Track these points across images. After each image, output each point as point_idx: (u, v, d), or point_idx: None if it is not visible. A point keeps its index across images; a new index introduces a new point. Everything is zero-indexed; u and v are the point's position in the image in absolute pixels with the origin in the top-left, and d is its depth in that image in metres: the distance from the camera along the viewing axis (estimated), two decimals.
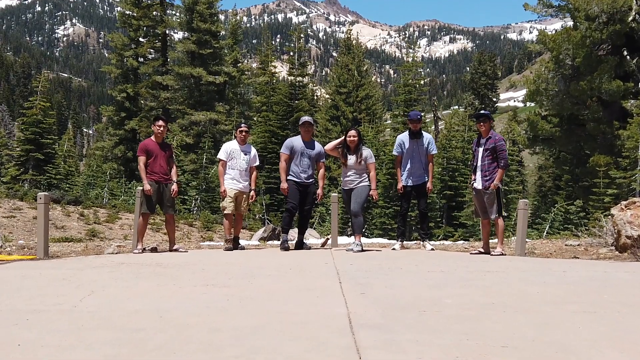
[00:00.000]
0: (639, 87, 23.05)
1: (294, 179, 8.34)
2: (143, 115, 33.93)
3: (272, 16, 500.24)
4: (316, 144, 8.67)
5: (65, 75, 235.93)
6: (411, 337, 2.72)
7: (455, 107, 55.53)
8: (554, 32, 26.96)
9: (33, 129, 21.89)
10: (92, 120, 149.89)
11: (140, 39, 35.41)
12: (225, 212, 8.47)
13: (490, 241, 8.09)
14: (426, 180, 8.59)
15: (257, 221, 21.61)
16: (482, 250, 7.92)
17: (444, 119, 44.23)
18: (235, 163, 8.54)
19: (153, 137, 8.21)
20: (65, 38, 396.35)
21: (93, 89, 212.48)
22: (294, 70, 34.62)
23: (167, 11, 36.64)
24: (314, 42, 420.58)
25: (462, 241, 12.17)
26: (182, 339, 2.71)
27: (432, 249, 8.57)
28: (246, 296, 3.86)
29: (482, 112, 8.20)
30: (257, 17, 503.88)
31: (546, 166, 38.04)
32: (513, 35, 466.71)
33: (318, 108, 43.03)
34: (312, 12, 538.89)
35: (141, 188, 7.99)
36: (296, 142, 8.46)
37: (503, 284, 4.60)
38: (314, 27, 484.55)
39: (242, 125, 8.84)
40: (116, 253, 7.69)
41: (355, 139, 8.25)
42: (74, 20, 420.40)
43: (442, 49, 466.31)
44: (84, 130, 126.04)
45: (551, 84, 24.95)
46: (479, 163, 7.83)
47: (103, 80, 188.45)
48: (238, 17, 41.35)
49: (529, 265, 6.12)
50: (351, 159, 8.24)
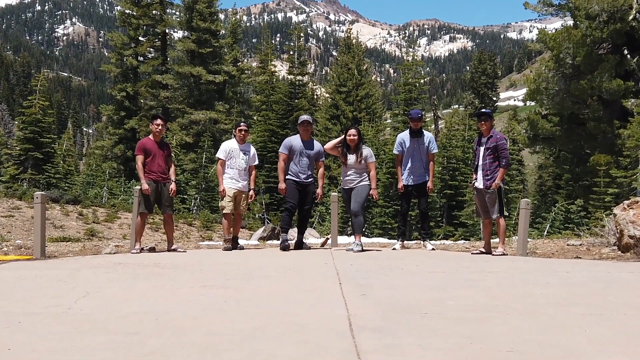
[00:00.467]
0: (639, 86, 22.96)
1: (293, 178, 8.26)
2: (143, 114, 33.85)
3: (272, 15, 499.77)
4: (315, 143, 8.57)
5: (65, 74, 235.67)
6: (413, 340, 2.65)
7: (456, 106, 55.45)
8: (554, 31, 26.87)
9: (32, 128, 21.80)
10: (92, 119, 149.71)
11: (140, 38, 35.34)
12: (224, 211, 8.37)
13: (491, 241, 8.02)
14: (427, 179, 8.51)
15: (256, 220, 21.54)
16: (483, 250, 7.84)
17: (444, 118, 44.17)
18: (234, 162, 8.44)
19: (151, 136, 8.12)
20: (65, 37, 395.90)
21: (93, 88, 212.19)
22: (294, 69, 34.54)
23: (167, 10, 36.59)
24: (314, 41, 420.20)
25: (463, 241, 12.10)
26: (178, 343, 2.64)
27: (432, 249, 8.50)
28: (244, 297, 3.79)
29: (483, 110, 8.12)
30: (257, 16, 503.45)
31: (546, 165, 37.95)
32: (513, 35, 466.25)
33: (318, 107, 42.94)
34: (312, 11, 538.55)
35: (139, 187, 7.91)
36: (295, 141, 8.37)
37: (506, 285, 4.53)
38: (314, 26, 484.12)
39: (242, 124, 8.71)
40: (114, 253, 7.61)
41: (356, 137, 8.17)
42: (73, 20, 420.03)
43: (442, 48, 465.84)
44: (84, 129, 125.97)
45: (551, 82, 24.84)
46: (480, 162, 7.75)
47: (103, 80, 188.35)
48: (238, 16, 41.24)
49: (531, 265, 6.04)
50: (351, 158, 8.16)
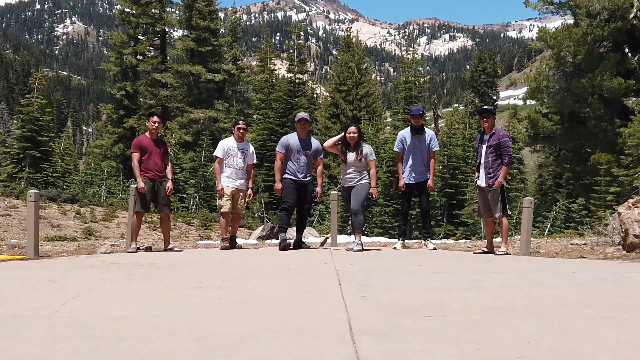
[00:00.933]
0: None
1: (291, 177, 8.10)
2: (142, 113, 33.69)
3: (272, 14, 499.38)
4: (313, 140, 8.40)
5: (65, 73, 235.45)
6: (417, 346, 2.50)
7: (456, 105, 55.29)
8: (555, 29, 26.74)
9: (30, 126, 21.62)
10: (91, 118, 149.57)
11: (140, 37, 35.19)
12: (222, 210, 8.22)
13: (493, 240, 7.88)
14: (428, 177, 8.37)
15: (256, 219, 21.40)
16: (485, 249, 7.69)
17: (444, 117, 44.04)
18: (232, 161, 8.27)
19: (147, 134, 7.96)
20: (64, 36, 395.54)
21: (92, 87, 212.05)
22: (293, 68, 34.36)
23: (167, 9, 36.46)
24: (314, 40, 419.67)
25: (464, 240, 11.97)
26: (168, 349, 2.49)
27: (434, 248, 8.36)
28: (240, 299, 3.64)
29: (485, 107, 7.96)
30: (256, 15, 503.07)
31: (546, 164, 37.84)
32: (513, 34, 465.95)
33: (318, 106, 42.80)
34: (312, 10, 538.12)
35: (135, 186, 7.76)
36: (292, 139, 8.19)
37: (511, 285, 4.38)
38: (314, 25, 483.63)
39: (240, 122, 8.52)
40: (109, 253, 7.46)
41: (356, 135, 8.02)
42: (73, 19, 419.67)
43: (442, 47, 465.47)
44: (84, 128, 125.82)
45: (552, 81, 24.73)
46: (482, 160, 7.60)
47: (103, 79, 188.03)
48: (237, 15, 41.07)
49: (536, 265, 5.90)
50: (351, 156, 8.01)
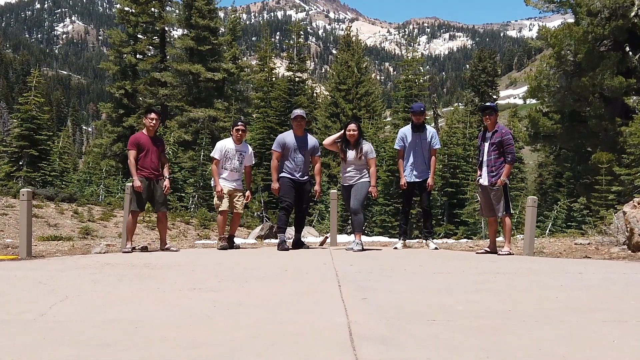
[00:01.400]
0: None
1: (288, 176, 7.93)
2: (141, 112, 33.57)
3: (272, 13, 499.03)
4: (309, 137, 8.20)
5: (65, 72, 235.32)
6: (422, 354, 2.34)
7: (456, 104, 55.19)
8: (555, 28, 26.60)
9: (27, 124, 21.46)
10: (91, 117, 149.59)
11: (139, 36, 35.09)
12: (220, 209, 8.05)
13: (496, 240, 7.72)
14: (429, 176, 8.22)
15: (255, 219, 21.25)
16: (488, 249, 7.54)
17: (444, 116, 43.93)
18: (230, 163, 8.09)
19: (145, 131, 7.78)
20: (64, 35, 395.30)
21: (92, 87, 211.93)
22: (293, 66, 34.18)
23: (166, 7, 36.33)
24: (314, 40, 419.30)
25: (466, 240, 11.83)
26: (154, 357, 2.34)
27: (435, 248, 8.21)
28: (236, 302, 3.49)
29: (488, 104, 7.79)
30: (256, 14, 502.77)
31: (546, 163, 37.71)
32: (513, 33, 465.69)
33: (317, 105, 42.66)
34: (312, 10, 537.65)
35: (131, 184, 7.61)
36: (288, 137, 8.00)
37: (517, 287, 4.23)
38: (314, 24, 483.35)
39: (239, 123, 8.30)
40: (104, 253, 7.30)
41: (355, 133, 7.87)
42: (73, 18, 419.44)
43: (441, 46, 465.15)
44: (83, 127, 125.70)
45: (553, 80, 24.63)
46: (484, 158, 7.45)
47: (102, 78, 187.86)
48: (237, 14, 40.86)
49: (541, 266, 5.75)
50: (351, 154, 7.86)
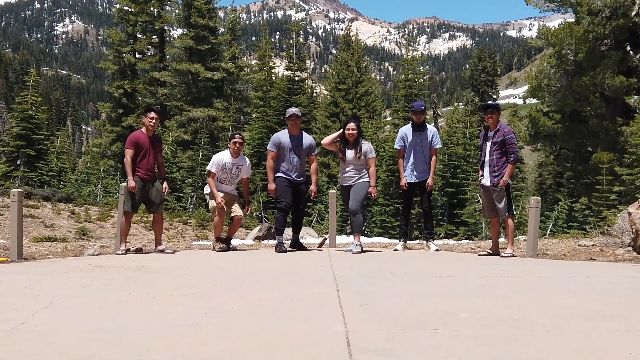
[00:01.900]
0: None
1: (284, 177, 7.77)
2: (140, 111, 33.42)
3: (272, 13, 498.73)
4: (305, 136, 8.02)
5: (64, 72, 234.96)
6: None
7: (456, 104, 55.00)
8: (556, 27, 26.46)
9: (24, 124, 21.28)
10: (91, 117, 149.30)
11: (138, 35, 34.93)
12: (216, 212, 7.88)
13: (499, 241, 7.56)
14: (429, 176, 8.07)
15: (254, 219, 21.09)
16: (490, 251, 7.36)
17: (444, 116, 43.77)
18: (226, 177, 8.00)
19: (144, 129, 7.58)
20: (64, 35, 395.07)
21: (92, 86, 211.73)
22: (292, 65, 34.02)
23: (167, 7, 36.21)
24: (313, 39, 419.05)
25: (467, 240, 11.66)
26: None
27: (436, 250, 8.04)
28: (228, 309, 3.32)
29: (489, 102, 7.62)
30: (256, 14, 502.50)
31: (546, 163, 37.54)
32: (512, 33, 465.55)
33: (317, 105, 42.51)
34: (312, 9, 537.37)
35: (125, 184, 7.44)
36: (283, 137, 7.81)
37: (522, 292, 4.06)
38: (314, 24, 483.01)
39: (237, 136, 8.13)
40: (97, 254, 7.12)
41: (355, 132, 7.67)
42: (73, 17, 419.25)
43: (441, 46, 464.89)
44: (83, 127, 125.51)
45: (553, 79, 24.49)
46: (486, 158, 7.27)
47: (102, 78, 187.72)
48: (237, 13, 40.68)
49: (545, 268, 5.58)
50: (350, 153, 7.67)
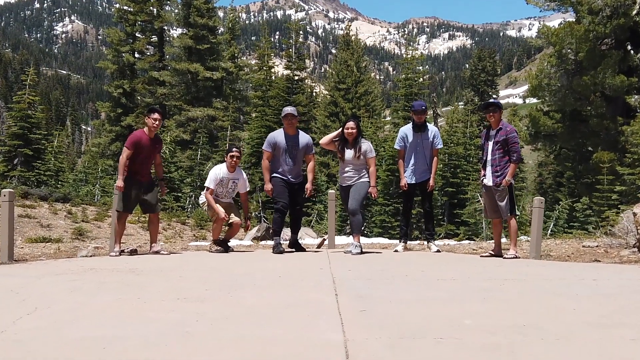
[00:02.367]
0: None
1: (281, 177, 7.61)
2: (140, 111, 33.32)
3: (271, 13, 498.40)
4: (302, 135, 7.82)
5: (64, 72, 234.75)
6: None
7: (456, 104, 54.90)
8: (556, 26, 26.35)
9: (21, 123, 21.11)
10: (90, 117, 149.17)
11: (137, 35, 34.82)
12: (214, 217, 7.74)
13: (501, 242, 7.41)
14: (430, 176, 7.92)
15: (252, 219, 20.92)
16: (493, 252, 7.21)
17: (444, 116, 43.69)
18: (222, 191, 7.88)
19: (146, 130, 7.38)
20: (64, 35, 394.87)
21: (92, 86, 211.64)
22: (292, 64, 33.86)
23: (166, 7, 36.08)
24: (313, 39, 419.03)
25: (468, 241, 11.51)
26: None
27: (437, 251, 7.89)
28: (221, 315, 3.16)
29: (491, 101, 7.45)
30: (256, 14, 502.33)
31: (546, 163, 37.41)
32: (512, 33, 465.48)
33: (317, 104, 42.40)
34: (312, 9, 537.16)
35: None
36: (279, 137, 7.63)
37: (528, 296, 3.90)
38: (313, 24, 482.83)
39: (234, 149, 7.95)
40: (90, 256, 6.95)
41: (354, 131, 7.51)
42: (72, 17, 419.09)
43: (441, 45, 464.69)
44: (83, 127, 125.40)
45: (554, 79, 24.40)
46: (489, 157, 7.10)
47: (102, 77, 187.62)
48: (236, 12, 40.54)
49: (550, 271, 5.43)
50: (349, 153, 7.51)
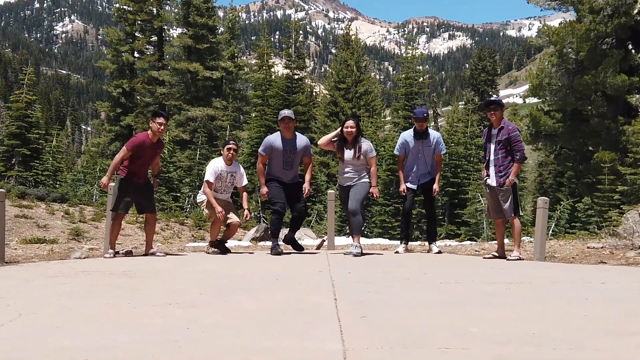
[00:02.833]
0: None
1: (277, 179, 7.45)
2: (139, 111, 33.23)
3: (271, 13, 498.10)
4: (299, 139, 7.56)
5: (64, 72, 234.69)
6: None
7: (457, 103, 54.82)
8: (557, 25, 26.23)
9: (19, 123, 20.95)
10: (90, 116, 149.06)
11: (137, 34, 34.71)
12: (211, 218, 7.58)
13: (504, 243, 7.25)
14: (432, 177, 7.75)
15: (252, 219, 20.77)
16: (496, 254, 7.05)
17: (444, 116, 43.60)
18: (221, 185, 7.70)
19: (150, 133, 7.21)
20: (63, 35, 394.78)
21: (92, 86, 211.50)
22: (291, 64, 33.70)
23: (166, 7, 35.97)
24: (313, 39, 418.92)
25: (470, 242, 11.35)
26: None
27: (439, 252, 7.73)
28: (214, 322, 3.00)
29: (492, 99, 7.29)
30: (255, 13, 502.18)
31: (546, 163, 37.26)
32: (512, 32, 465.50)
33: (317, 104, 42.28)
34: (311, 9, 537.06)
35: (115, 184, 7.12)
36: (276, 142, 7.39)
37: (535, 301, 3.73)
38: (313, 24, 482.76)
39: (231, 142, 7.83)
40: (84, 258, 6.79)
41: (354, 130, 7.28)
42: (72, 17, 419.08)
43: (441, 45, 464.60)
44: (83, 127, 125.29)
45: (554, 78, 24.30)
46: (491, 157, 6.92)
47: (102, 77, 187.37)
48: (236, 12, 40.39)
49: (556, 273, 5.27)
50: (348, 153, 7.28)
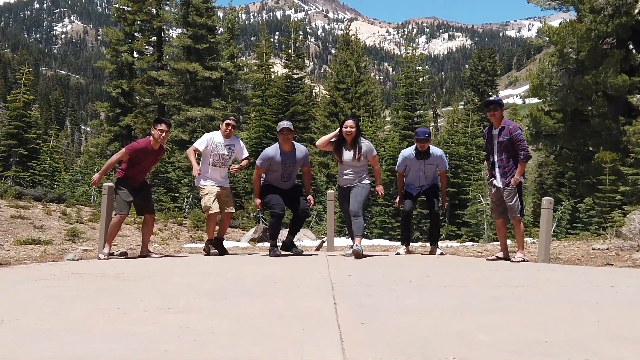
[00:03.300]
0: None
1: (275, 186, 7.33)
2: (138, 111, 33.11)
3: (271, 13, 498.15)
4: (297, 149, 7.42)
5: (64, 72, 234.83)
6: None
7: (456, 103, 54.74)
8: (557, 26, 26.13)
9: (16, 122, 20.85)
10: (90, 117, 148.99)
11: (136, 34, 34.60)
12: (209, 212, 7.39)
13: (507, 245, 7.10)
14: (436, 182, 7.73)
15: (251, 220, 20.62)
16: (499, 255, 6.90)
17: (443, 116, 43.51)
18: (218, 159, 7.46)
19: (152, 140, 7.08)
20: (63, 35, 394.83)
21: (91, 86, 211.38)
22: (290, 63, 33.57)
23: (165, 7, 35.84)
24: (313, 40, 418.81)
25: (471, 243, 11.21)
26: None
27: (441, 254, 7.60)
28: (207, 328, 2.84)
29: (492, 98, 7.11)
30: (255, 14, 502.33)
31: (546, 163, 37.14)
32: (512, 33, 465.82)
33: (316, 104, 42.20)
34: (311, 9, 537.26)
35: (112, 184, 6.98)
36: (275, 155, 7.23)
37: (544, 305, 3.57)
38: (313, 24, 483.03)
39: (230, 117, 7.69)
40: (77, 259, 6.63)
41: (353, 130, 7.10)
42: (72, 17, 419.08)
43: (440, 46, 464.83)
44: (82, 127, 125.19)
45: (555, 78, 24.21)
46: (495, 159, 6.77)
47: (101, 78, 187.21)
48: (235, 12, 40.27)
49: (562, 276, 5.12)
50: (348, 154, 7.10)
